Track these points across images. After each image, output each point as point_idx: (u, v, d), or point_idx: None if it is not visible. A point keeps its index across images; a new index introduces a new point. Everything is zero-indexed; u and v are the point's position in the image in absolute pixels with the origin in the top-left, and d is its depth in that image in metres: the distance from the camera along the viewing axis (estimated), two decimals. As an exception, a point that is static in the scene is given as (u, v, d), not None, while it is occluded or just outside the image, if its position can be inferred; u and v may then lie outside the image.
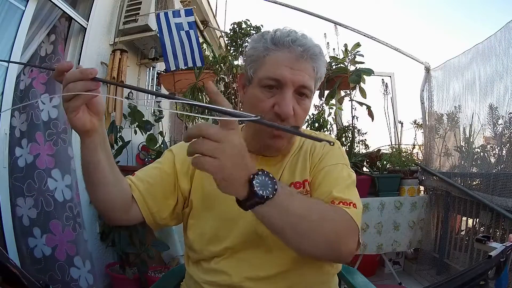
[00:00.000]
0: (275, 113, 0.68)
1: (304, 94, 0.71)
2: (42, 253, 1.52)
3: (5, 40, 1.52)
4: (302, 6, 2.89)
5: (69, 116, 0.56)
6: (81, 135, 0.59)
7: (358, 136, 2.65)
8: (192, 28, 2.13)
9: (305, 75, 0.69)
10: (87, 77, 0.52)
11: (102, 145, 0.62)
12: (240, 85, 0.80)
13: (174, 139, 2.77)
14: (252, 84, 0.73)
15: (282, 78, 0.68)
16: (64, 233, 1.59)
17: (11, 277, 0.43)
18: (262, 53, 0.71)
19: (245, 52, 0.80)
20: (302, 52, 0.68)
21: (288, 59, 0.68)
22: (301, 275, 0.72)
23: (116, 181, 0.67)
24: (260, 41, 0.72)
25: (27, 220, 1.53)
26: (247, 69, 0.74)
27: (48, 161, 1.64)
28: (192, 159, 0.47)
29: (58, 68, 0.54)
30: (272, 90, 0.69)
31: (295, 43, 0.68)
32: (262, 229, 0.71)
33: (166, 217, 0.77)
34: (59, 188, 1.65)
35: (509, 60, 1.86)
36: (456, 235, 2.29)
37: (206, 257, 0.74)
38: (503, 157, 1.92)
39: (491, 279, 0.58)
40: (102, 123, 0.61)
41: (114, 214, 0.70)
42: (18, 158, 1.58)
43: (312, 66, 0.70)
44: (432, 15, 15.43)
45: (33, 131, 1.63)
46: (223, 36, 3.95)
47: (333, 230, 0.57)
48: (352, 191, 0.70)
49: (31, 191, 1.56)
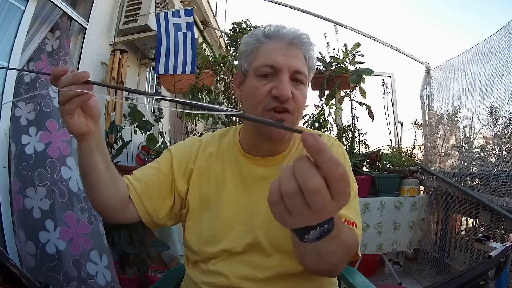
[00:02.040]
0: (273, 97, 0.68)
1: (299, 81, 0.71)
2: (55, 248, 1.42)
3: (5, 40, 1.52)
4: (302, 6, 2.89)
5: (65, 119, 0.57)
6: (77, 138, 0.60)
7: (358, 136, 2.65)
8: (190, 29, 2.10)
9: (298, 61, 0.71)
10: (79, 81, 0.53)
11: (98, 148, 0.63)
12: (235, 84, 0.80)
13: (174, 139, 2.77)
14: (248, 77, 0.74)
15: (276, 63, 0.69)
16: (79, 225, 1.50)
17: (11, 277, 0.43)
18: (254, 46, 0.73)
19: (238, 51, 0.81)
20: (292, 39, 0.71)
21: (280, 46, 0.70)
22: (301, 278, 0.72)
23: (113, 182, 0.68)
24: (251, 37, 0.74)
25: (38, 212, 1.44)
26: (241, 64, 0.75)
27: (62, 148, 1.56)
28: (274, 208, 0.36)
29: (54, 73, 0.55)
30: (268, 78, 0.70)
31: (284, 32, 0.71)
32: (260, 234, 0.71)
33: (163, 217, 0.77)
34: (73, 177, 1.56)
35: (509, 60, 1.86)
36: (456, 235, 2.29)
37: (204, 258, 0.75)
38: (503, 157, 1.91)
39: (491, 279, 0.58)
40: (99, 126, 0.62)
41: (112, 213, 0.71)
42: (25, 145, 1.50)
43: (303, 53, 0.72)
44: (432, 15, 15.44)
45: (44, 119, 1.56)
46: (223, 36, 3.96)
47: (345, 258, 0.57)
48: (355, 205, 0.70)
49: (42, 180, 1.46)
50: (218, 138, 0.84)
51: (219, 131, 0.88)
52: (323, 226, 0.40)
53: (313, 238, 0.41)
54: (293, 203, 0.34)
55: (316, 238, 0.41)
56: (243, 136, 0.80)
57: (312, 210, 0.33)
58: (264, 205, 0.73)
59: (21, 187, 1.44)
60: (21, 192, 1.44)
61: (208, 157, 0.80)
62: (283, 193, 0.34)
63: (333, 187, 0.33)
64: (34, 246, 1.40)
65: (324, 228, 0.41)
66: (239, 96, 0.78)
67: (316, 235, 0.41)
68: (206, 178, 0.78)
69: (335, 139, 0.81)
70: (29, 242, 1.41)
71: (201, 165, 0.79)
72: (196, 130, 2.60)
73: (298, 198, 0.33)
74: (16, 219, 1.44)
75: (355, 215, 0.67)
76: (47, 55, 1.73)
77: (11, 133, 1.51)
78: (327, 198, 0.33)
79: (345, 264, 0.60)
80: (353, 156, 2.42)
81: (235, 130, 0.84)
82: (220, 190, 0.76)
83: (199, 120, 2.52)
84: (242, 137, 0.80)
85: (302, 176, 0.33)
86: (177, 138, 2.85)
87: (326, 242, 0.43)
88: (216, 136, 0.85)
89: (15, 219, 1.44)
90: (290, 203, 0.34)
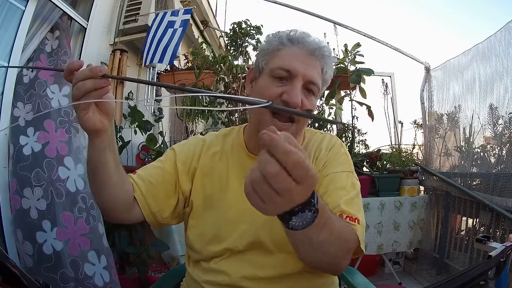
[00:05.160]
0: (282, 101, 0.68)
1: (311, 91, 0.72)
2: (52, 248, 1.42)
3: (5, 40, 1.51)
4: (302, 6, 2.89)
5: (79, 115, 0.56)
6: (90, 135, 0.59)
7: (358, 136, 2.65)
8: (183, 26, 2.09)
9: (315, 72, 0.71)
10: (96, 75, 0.52)
11: (110, 146, 0.62)
12: (248, 79, 0.80)
13: (174, 139, 2.77)
14: (262, 75, 0.74)
15: (293, 69, 0.69)
16: (77, 225, 1.49)
17: (11, 277, 0.42)
18: (276, 47, 0.72)
19: (258, 47, 0.81)
20: (315, 49, 0.71)
21: (301, 54, 0.71)
22: (302, 277, 0.72)
23: (121, 182, 0.67)
24: (275, 37, 0.74)
25: (35, 212, 1.43)
26: (259, 61, 0.75)
27: (60, 148, 1.55)
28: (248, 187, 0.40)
29: (69, 67, 0.55)
30: (282, 81, 0.70)
31: (309, 41, 0.71)
32: (263, 234, 0.71)
33: (167, 216, 0.77)
34: (71, 177, 1.54)
35: (509, 60, 1.86)
36: (456, 235, 2.29)
37: (206, 257, 0.74)
38: (503, 157, 1.91)
39: (491, 279, 0.58)
40: (112, 123, 0.61)
41: (116, 213, 0.71)
42: (23, 146, 1.49)
43: (321, 65, 0.72)
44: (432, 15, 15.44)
45: (41, 119, 1.55)
46: (223, 36, 3.95)
47: (342, 249, 0.57)
48: (357, 203, 0.70)
49: (40, 181, 1.46)
50: (222, 137, 0.84)
51: (222, 130, 0.88)
52: (304, 211, 0.43)
53: (298, 224, 0.44)
54: (262, 189, 0.38)
55: (301, 225, 0.44)
56: (248, 136, 0.80)
57: (280, 195, 0.38)
58: None
59: (18, 188, 1.44)
60: (18, 192, 1.44)
61: (212, 156, 0.80)
62: (252, 183, 0.39)
63: (293, 173, 0.37)
64: (31, 246, 1.40)
65: (306, 214, 0.43)
66: (249, 91, 0.78)
67: (300, 221, 0.44)
68: (209, 177, 0.78)
69: (337, 139, 0.81)
70: (27, 242, 1.40)
71: (205, 164, 0.79)
72: (196, 130, 2.60)
73: (264, 184, 0.37)
74: (14, 219, 1.43)
75: (357, 211, 0.67)
76: (47, 56, 1.73)
77: (10, 133, 1.51)
78: (289, 181, 0.37)
79: (347, 258, 0.60)
80: (353, 156, 2.41)
81: (239, 129, 0.84)
82: (224, 190, 0.76)
83: (199, 120, 2.52)
84: (247, 137, 0.80)
85: (262, 165, 0.38)
86: (177, 138, 2.85)
87: (315, 230, 0.47)
88: (220, 135, 0.85)
89: (13, 219, 1.44)
90: (259, 190, 0.38)
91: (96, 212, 1.60)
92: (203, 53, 2.69)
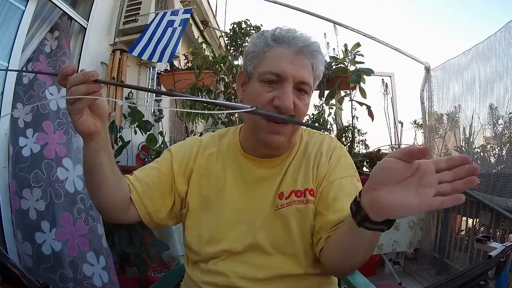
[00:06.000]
0: (274, 106, 0.67)
1: (303, 90, 0.70)
2: (51, 249, 1.42)
3: (5, 40, 1.51)
4: (302, 6, 2.90)
5: (73, 118, 0.57)
6: (84, 137, 0.60)
7: (358, 136, 2.65)
8: (182, 25, 2.08)
9: (305, 71, 0.69)
10: (89, 80, 0.54)
11: (104, 148, 0.62)
12: (239, 83, 0.79)
13: (174, 139, 2.77)
14: (251, 80, 0.72)
15: (282, 72, 0.67)
16: (76, 226, 1.50)
17: (11, 277, 0.43)
18: (262, 49, 0.70)
19: (245, 50, 0.80)
20: (302, 47, 0.68)
21: (288, 54, 0.68)
22: (300, 278, 0.72)
23: (117, 183, 0.68)
24: (260, 38, 0.72)
25: (34, 213, 1.44)
26: (247, 65, 0.73)
27: (59, 150, 1.56)
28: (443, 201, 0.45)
29: (63, 72, 0.56)
30: (272, 85, 0.68)
31: (295, 39, 0.69)
32: (261, 236, 0.71)
33: (164, 217, 0.77)
34: (70, 178, 1.55)
35: (509, 60, 1.86)
36: (456, 235, 2.29)
37: (204, 258, 0.74)
38: (503, 157, 1.92)
39: (491, 279, 0.58)
40: (106, 126, 0.62)
41: (114, 213, 0.71)
42: (22, 148, 1.49)
43: (311, 62, 0.70)
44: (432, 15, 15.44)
45: (40, 121, 1.56)
46: (223, 36, 3.96)
47: (370, 252, 0.62)
48: None
49: (38, 182, 1.46)
50: (218, 138, 0.83)
51: (219, 131, 0.87)
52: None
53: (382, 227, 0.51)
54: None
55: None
56: (243, 136, 0.79)
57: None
58: (265, 205, 0.73)
59: (17, 189, 1.45)
60: (17, 193, 1.45)
61: (208, 157, 0.79)
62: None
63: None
64: (30, 247, 1.41)
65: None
66: (241, 96, 0.78)
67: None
68: (206, 179, 0.78)
69: (336, 141, 0.80)
70: (26, 243, 1.41)
71: (202, 165, 0.79)
72: (196, 130, 2.60)
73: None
74: (14, 220, 1.44)
75: None
76: (46, 56, 1.74)
77: (10, 134, 1.51)
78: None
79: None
80: (353, 156, 2.41)
81: (235, 130, 0.83)
82: (221, 191, 0.76)
83: (199, 120, 2.52)
84: (243, 138, 0.79)
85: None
86: (177, 138, 2.85)
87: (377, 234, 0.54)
88: (216, 136, 0.84)
89: (13, 219, 1.44)
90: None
91: (95, 213, 1.60)
92: (203, 53, 2.69)
